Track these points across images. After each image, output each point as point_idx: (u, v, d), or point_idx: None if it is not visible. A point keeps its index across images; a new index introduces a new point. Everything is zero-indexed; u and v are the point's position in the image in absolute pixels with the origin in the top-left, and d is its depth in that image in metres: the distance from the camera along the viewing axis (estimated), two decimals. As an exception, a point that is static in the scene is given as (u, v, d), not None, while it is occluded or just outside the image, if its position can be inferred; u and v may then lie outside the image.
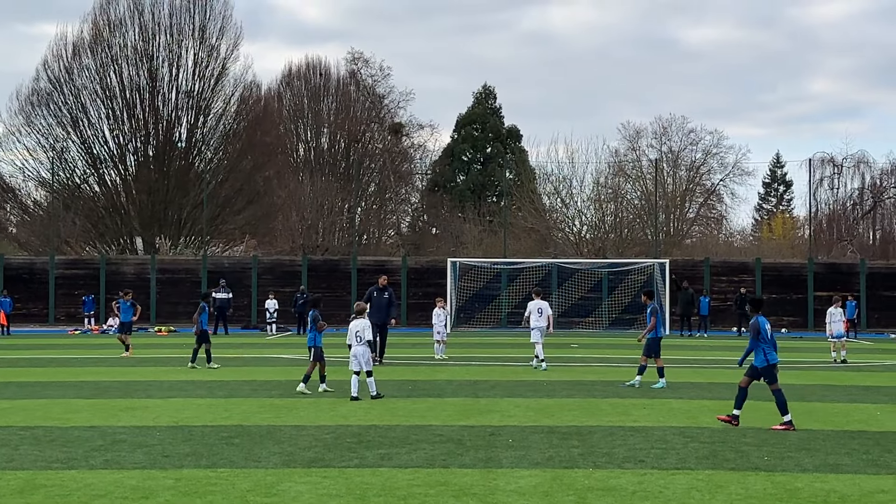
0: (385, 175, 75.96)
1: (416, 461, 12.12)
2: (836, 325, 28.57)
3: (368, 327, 18.77)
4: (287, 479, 10.99)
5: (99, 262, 50.13)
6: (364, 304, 19.46)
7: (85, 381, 21.80)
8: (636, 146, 71.72)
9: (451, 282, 46.30)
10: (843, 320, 29.18)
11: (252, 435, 14.06)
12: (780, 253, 61.34)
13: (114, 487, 10.57)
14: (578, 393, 19.60)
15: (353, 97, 78.45)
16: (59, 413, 16.41)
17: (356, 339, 18.59)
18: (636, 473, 11.40)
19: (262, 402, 18.01)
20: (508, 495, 10.26)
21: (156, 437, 13.82)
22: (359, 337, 18.57)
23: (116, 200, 62.99)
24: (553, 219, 64.71)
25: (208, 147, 64.69)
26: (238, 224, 62.77)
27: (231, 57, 63.81)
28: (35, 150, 61.80)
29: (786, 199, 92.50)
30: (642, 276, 47.34)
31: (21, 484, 10.76)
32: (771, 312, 47.53)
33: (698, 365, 27.07)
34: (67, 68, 61.34)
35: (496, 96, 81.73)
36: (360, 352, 18.51)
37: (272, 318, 44.36)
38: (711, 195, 73.90)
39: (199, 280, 48.70)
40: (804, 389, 20.68)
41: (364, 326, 18.66)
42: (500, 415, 16.31)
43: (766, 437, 14.07)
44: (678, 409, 17.22)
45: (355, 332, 18.62)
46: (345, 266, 49.49)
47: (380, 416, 16.02)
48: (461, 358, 28.80)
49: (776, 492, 10.44)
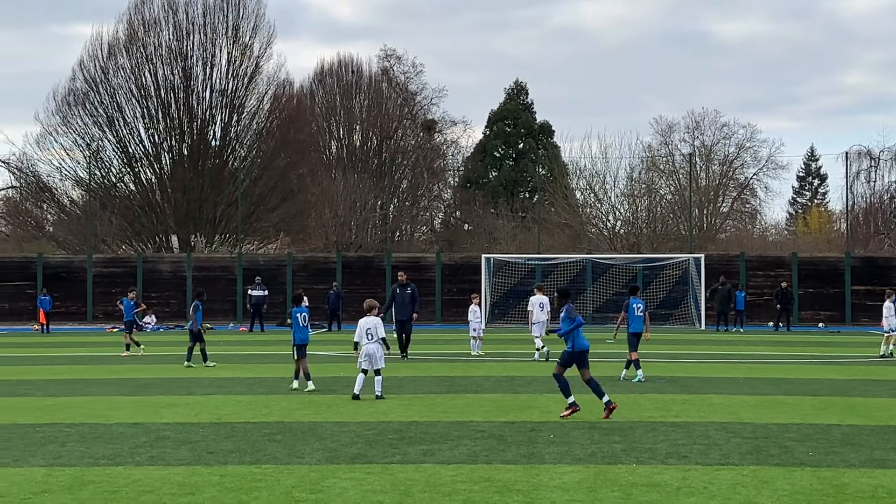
0: (417, 172, 76.04)
1: (458, 457, 12.14)
2: (892, 319, 28.16)
3: (380, 325, 18.36)
4: (331, 476, 11.04)
5: (136, 261, 50.49)
6: (374, 301, 18.98)
7: (125, 378, 21.98)
8: (669, 141, 71.42)
9: (486, 278, 46.29)
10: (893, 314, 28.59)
11: (294, 431, 14.14)
12: (817, 247, 60.87)
13: (161, 483, 10.66)
14: (617, 388, 19.54)
15: (385, 94, 78.55)
16: (102, 410, 16.56)
17: (367, 336, 18.11)
18: (680, 469, 11.37)
19: (301, 398, 18.10)
20: (552, 491, 10.25)
21: (199, 434, 13.92)
22: (370, 335, 18.09)
23: (152, 199, 63.40)
24: (586, 214, 64.53)
25: (242, 145, 64.99)
26: (272, 221, 63.02)
27: (264, 55, 64.08)
28: (71, 150, 62.35)
29: (820, 193, 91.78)
30: (678, 271, 47.13)
31: (69, 480, 10.87)
32: (808, 307, 47.59)
33: (736, 360, 26.93)
34: (103, 68, 61.80)
35: (528, 92, 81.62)
36: (374, 349, 18.01)
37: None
38: (745, 189, 73.43)
39: (234, 278, 48.96)
40: (845, 384, 20.55)
41: (376, 324, 18.22)
42: (539, 411, 16.31)
43: (809, 432, 13.98)
44: (718, 404, 17.14)
45: (366, 329, 18.12)
46: (379, 263, 49.57)
47: (420, 413, 16.05)
48: (497, 354, 28.80)
49: (823, 487, 10.38)
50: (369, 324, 18.21)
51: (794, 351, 30.47)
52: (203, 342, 25.17)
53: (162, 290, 49.22)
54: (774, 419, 15.23)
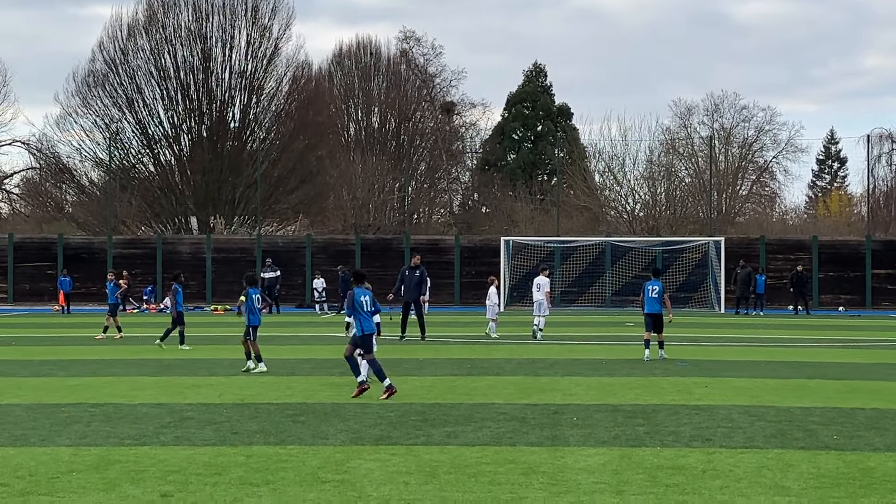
0: (436, 154, 75.97)
1: (482, 439, 12.16)
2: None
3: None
4: (356, 457, 11.07)
5: (155, 242, 50.67)
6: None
7: (147, 358, 22.09)
8: (688, 123, 71.16)
9: (505, 260, 46.27)
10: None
11: (317, 412, 14.18)
12: (837, 230, 60.58)
13: (187, 464, 10.71)
14: (638, 371, 19.55)
15: (404, 76, 78.43)
16: (125, 391, 16.65)
17: None
18: (704, 452, 11.35)
19: (322, 379, 18.16)
20: (578, 473, 10.26)
21: (223, 415, 13.98)
22: None
23: (171, 180, 63.55)
24: (605, 197, 64.40)
25: (261, 127, 65.02)
26: (291, 203, 63.08)
27: (283, 37, 64.04)
28: (91, 131, 62.50)
29: (840, 176, 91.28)
30: (697, 255, 47.02)
31: (96, 460, 10.94)
32: (828, 290, 47.41)
33: (757, 343, 26.87)
34: (122, 49, 61.87)
35: (546, 74, 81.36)
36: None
37: (321, 297, 44.63)
38: (764, 172, 73.12)
39: (253, 259, 49.06)
40: (868, 368, 20.48)
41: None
42: (561, 393, 16.31)
43: (833, 415, 13.94)
44: (741, 387, 17.10)
45: None
46: (398, 245, 49.60)
47: (442, 395, 16.08)
48: (518, 337, 28.82)
49: (849, 471, 10.36)
50: None
51: (815, 335, 30.37)
52: (183, 325, 24.86)
53: (182, 272, 49.29)
54: (797, 402, 15.20)
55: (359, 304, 16.07)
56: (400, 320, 27.82)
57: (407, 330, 27.55)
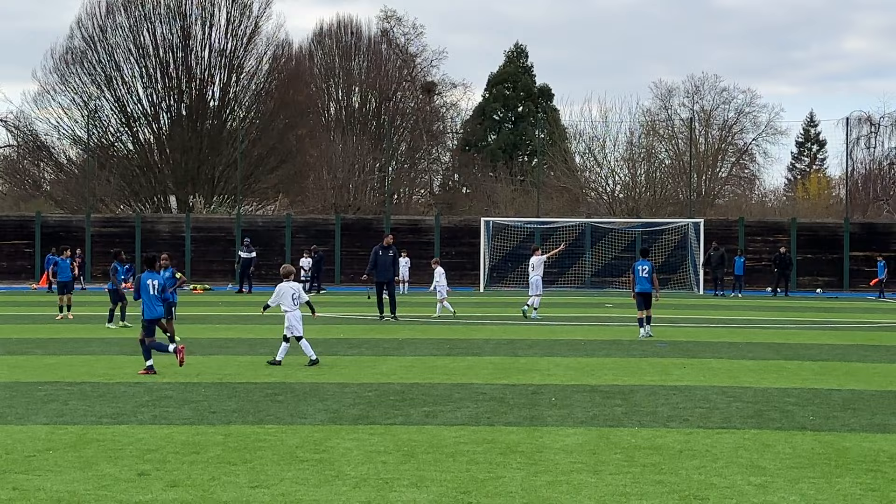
0: (416, 134, 75.81)
1: (461, 419, 12.18)
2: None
3: (301, 290, 18.04)
4: (335, 436, 11.07)
5: (134, 221, 50.43)
6: (291, 267, 18.52)
7: (126, 337, 22.00)
8: (668, 105, 71.23)
9: (485, 241, 46.30)
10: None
11: (296, 392, 14.17)
12: (815, 213, 60.88)
13: (165, 442, 10.69)
14: (617, 352, 19.61)
15: (385, 56, 78.16)
16: (103, 369, 16.59)
17: (294, 302, 17.64)
18: (682, 432, 11.40)
19: (303, 359, 18.11)
20: (556, 453, 10.29)
21: (201, 394, 13.95)
22: (295, 299, 17.65)
23: (150, 159, 63.23)
24: (585, 178, 64.46)
25: (241, 106, 64.75)
26: (271, 183, 62.90)
27: (263, 15, 63.72)
28: (69, 109, 62.09)
29: (819, 159, 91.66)
30: (677, 236, 47.15)
31: (73, 438, 10.90)
32: (806, 272, 47.65)
33: (736, 325, 27.00)
34: (101, 27, 61.41)
35: (528, 55, 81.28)
36: (300, 316, 17.68)
37: (306, 277, 44.55)
38: (744, 155, 73.32)
39: (233, 238, 48.92)
40: (845, 349, 20.62)
41: (299, 288, 17.91)
42: (540, 374, 16.34)
43: (809, 396, 14.03)
44: (718, 368, 17.19)
45: (291, 294, 17.65)
46: (378, 225, 49.53)
47: (421, 375, 16.10)
48: (497, 317, 28.86)
49: (825, 451, 10.43)
50: (294, 289, 17.76)
51: (793, 316, 30.55)
52: (125, 302, 24.63)
53: (161, 251, 49.16)
54: (775, 384, 15.28)
55: (144, 288, 16.58)
56: (376, 301, 27.87)
57: (385, 309, 27.58)
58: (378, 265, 27.92)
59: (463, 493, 8.68)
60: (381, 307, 27.66)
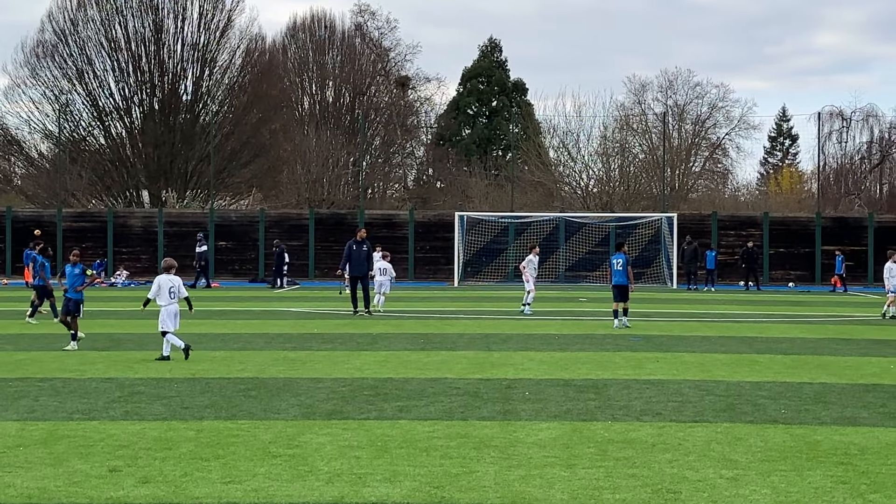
0: (390, 129, 75.72)
1: (434, 413, 12.16)
2: (893, 279, 27.77)
3: (182, 284, 17.80)
4: (308, 431, 11.04)
5: (106, 216, 50.14)
6: (173, 260, 18.21)
7: (98, 332, 21.86)
8: (642, 100, 71.48)
9: (459, 236, 46.31)
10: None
11: (269, 387, 14.12)
12: (788, 207, 61.26)
13: (136, 438, 10.62)
14: (591, 346, 19.66)
15: (359, 50, 78.04)
16: (74, 365, 16.48)
17: (171, 295, 17.42)
18: (654, 426, 11.44)
19: (276, 354, 18.08)
20: (529, 447, 10.30)
21: (174, 389, 13.87)
22: (173, 294, 17.44)
23: (122, 153, 62.87)
24: (559, 172, 64.59)
25: (214, 100, 64.47)
26: (244, 177, 62.70)
27: (236, 9, 63.54)
28: (40, 103, 61.66)
29: (791, 154, 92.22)
30: (650, 231, 47.33)
31: (44, 434, 10.81)
32: (778, 266, 47.95)
33: (709, 319, 27.12)
34: (72, 20, 61.02)
35: (502, 49, 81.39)
36: (176, 311, 17.46)
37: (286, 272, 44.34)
38: (717, 149, 73.68)
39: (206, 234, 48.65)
40: (816, 343, 20.74)
41: (178, 283, 17.67)
42: (514, 368, 16.35)
43: (781, 390, 14.11)
44: (691, 362, 17.26)
45: (169, 287, 17.42)
46: (352, 219, 49.46)
47: (395, 369, 16.07)
48: (471, 312, 28.86)
49: (796, 444, 10.48)
50: (172, 282, 17.56)
51: (766, 310, 30.72)
52: (52, 297, 24.29)
53: (133, 246, 49.04)
54: (747, 377, 15.36)
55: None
56: (351, 296, 27.80)
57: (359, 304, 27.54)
58: (352, 260, 27.86)
59: (436, 488, 8.67)
60: (356, 302, 27.61)
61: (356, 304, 27.56)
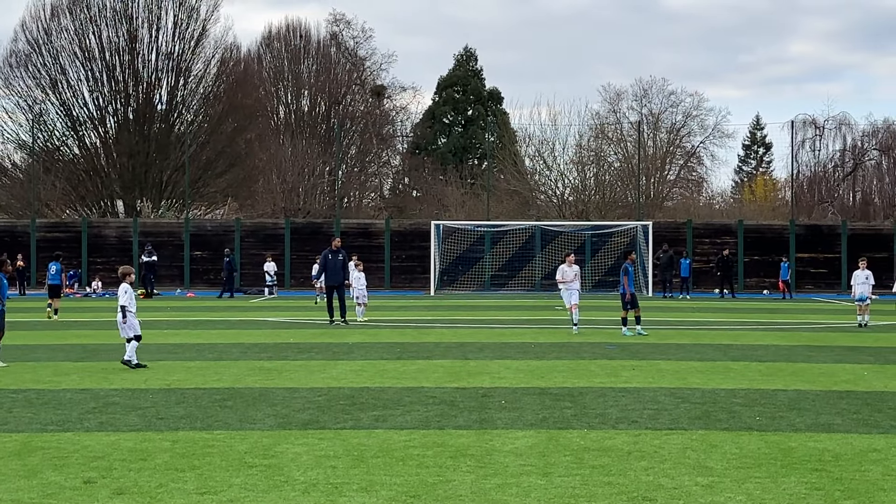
0: (366, 138, 75.71)
1: (410, 423, 12.16)
2: (860, 287, 27.28)
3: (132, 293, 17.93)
4: (284, 441, 11.01)
5: (80, 226, 49.88)
6: (130, 268, 18.46)
7: (72, 343, 21.75)
8: (617, 108, 71.79)
9: (435, 244, 46.33)
10: (869, 283, 27.32)
11: (245, 397, 14.07)
12: (762, 215, 61.62)
13: (111, 449, 10.56)
14: (567, 355, 19.70)
15: (334, 59, 78.03)
16: (48, 376, 16.37)
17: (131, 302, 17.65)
18: (630, 434, 11.47)
19: (251, 364, 18.02)
20: (506, 456, 10.31)
21: (149, 400, 13.81)
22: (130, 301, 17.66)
23: (97, 163, 62.60)
24: (535, 181, 64.74)
25: (189, 110, 64.33)
26: (220, 187, 62.54)
27: (211, 18, 63.49)
28: (14, 113, 61.40)
29: (765, 162, 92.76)
30: (625, 238, 47.49)
31: (17, 446, 10.74)
32: (753, 274, 48.17)
33: (683, 326, 27.23)
34: (46, 29, 60.78)
35: (477, 58, 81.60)
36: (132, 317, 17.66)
37: (272, 282, 44.09)
38: (691, 157, 74.05)
39: (181, 243, 48.54)
40: (790, 350, 20.86)
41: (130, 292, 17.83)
42: (490, 376, 16.36)
43: (756, 397, 14.18)
44: (667, 370, 17.31)
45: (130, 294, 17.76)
46: (328, 229, 49.38)
47: (371, 379, 16.05)
48: (447, 320, 28.86)
49: (770, 451, 10.54)
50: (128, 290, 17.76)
51: (740, 317, 30.86)
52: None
53: (108, 256, 48.78)
54: (722, 384, 15.42)
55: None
56: (327, 305, 27.81)
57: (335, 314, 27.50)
58: (328, 269, 27.83)
59: (413, 497, 8.67)
60: (332, 311, 27.58)
61: (332, 314, 27.52)
